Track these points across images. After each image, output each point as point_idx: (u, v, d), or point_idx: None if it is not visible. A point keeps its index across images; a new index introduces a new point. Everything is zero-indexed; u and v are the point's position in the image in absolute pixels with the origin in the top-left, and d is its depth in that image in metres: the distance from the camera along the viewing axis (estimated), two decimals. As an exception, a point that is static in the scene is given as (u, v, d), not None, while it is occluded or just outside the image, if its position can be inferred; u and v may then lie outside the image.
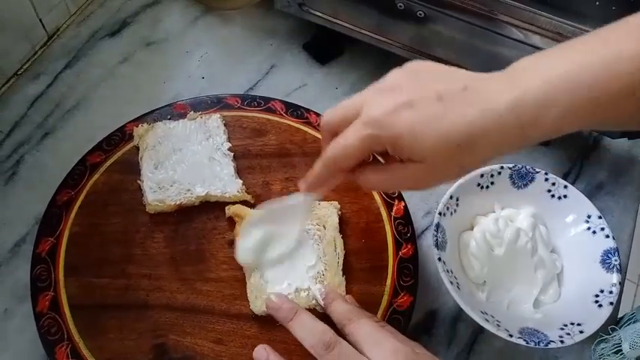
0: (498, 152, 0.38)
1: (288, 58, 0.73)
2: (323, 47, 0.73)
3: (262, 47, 0.74)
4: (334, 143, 0.40)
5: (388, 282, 0.53)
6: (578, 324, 0.50)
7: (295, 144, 0.60)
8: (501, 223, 0.55)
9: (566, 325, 0.50)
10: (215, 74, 0.71)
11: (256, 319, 0.50)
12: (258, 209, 0.52)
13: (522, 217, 0.57)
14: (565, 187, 0.57)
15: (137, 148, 0.58)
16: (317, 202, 0.55)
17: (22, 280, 0.52)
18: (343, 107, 0.41)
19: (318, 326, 0.42)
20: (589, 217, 0.56)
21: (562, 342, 0.48)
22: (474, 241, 0.55)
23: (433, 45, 0.63)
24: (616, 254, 0.54)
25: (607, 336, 0.54)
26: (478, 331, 0.55)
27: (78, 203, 0.55)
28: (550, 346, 0.48)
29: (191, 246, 0.54)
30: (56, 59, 0.70)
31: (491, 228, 0.55)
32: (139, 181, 0.56)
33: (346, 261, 0.53)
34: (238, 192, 0.56)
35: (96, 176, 0.56)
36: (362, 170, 0.42)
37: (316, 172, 0.42)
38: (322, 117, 0.42)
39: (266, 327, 0.49)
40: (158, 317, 0.50)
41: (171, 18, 0.75)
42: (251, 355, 0.43)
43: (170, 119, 0.61)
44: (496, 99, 0.36)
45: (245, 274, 0.51)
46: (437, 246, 0.52)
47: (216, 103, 0.63)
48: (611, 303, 0.51)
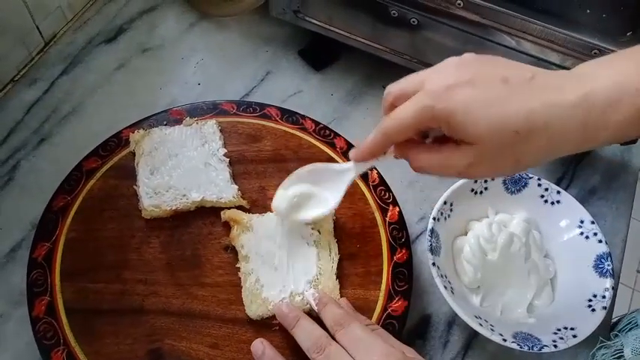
0: (554, 149, 0.37)
1: (283, 65, 0.73)
2: (318, 54, 0.74)
3: (258, 54, 0.74)
4: (390, 114, 0.40)
5: (383, 287, 0.53)
6: (571, 328, 0.50)
7: (291, 150, 0.61)
8: (495, 229, 0.55)
9: (559, 330, 0.51)
10: (211, 80, 0.71)
11: (252, 324, 0.50)
12: (305, 167, 0.50)
13: (516, 223, 0.57)
14: (558, 193, 0.58)
15: (133, 154, 0.58)
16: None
17: (18, 285, 0.52)
18: (406, 80, 0.40)
19: (315, 331, 0.44)
20: (582, 222, 0.57)
21: (555, 346, 0.49)
22: (468, 246, 0.55)
23: (427, 52, 0.64)
24: (609, 259, 0.54)
25: (608, 342, 0.54)
26: (472, 336, 0.55)
27: (74, 208, 0.55)
28: (544, 351, 0.48)
29: (187, 251, 0.54)
30: (53, 65, 0.70)
31: (484, 233, 0.55)
32: (135, 187, 0.56)
33: (341, 265, 0.53)
34: (234, 197, 0.56)
35: (92, 182, 0.56)
36: (415, 148, 0.41)
37: (369, 142, 0.42)
38: (386, 88, 0.42)
39: (261, 331, 0.50)
40: (154, 322, 0.50)
41: (167, 24, 0.76)
42: (246, 360, 0.43)
43: (166, 125, 0.61)
44: (563, 93, 0.36)
45: (241, 279, 0.51)
46: (431, 251, 0.53)
47: (212, 109, 0.63)
48: (604, 307, 0.51)
